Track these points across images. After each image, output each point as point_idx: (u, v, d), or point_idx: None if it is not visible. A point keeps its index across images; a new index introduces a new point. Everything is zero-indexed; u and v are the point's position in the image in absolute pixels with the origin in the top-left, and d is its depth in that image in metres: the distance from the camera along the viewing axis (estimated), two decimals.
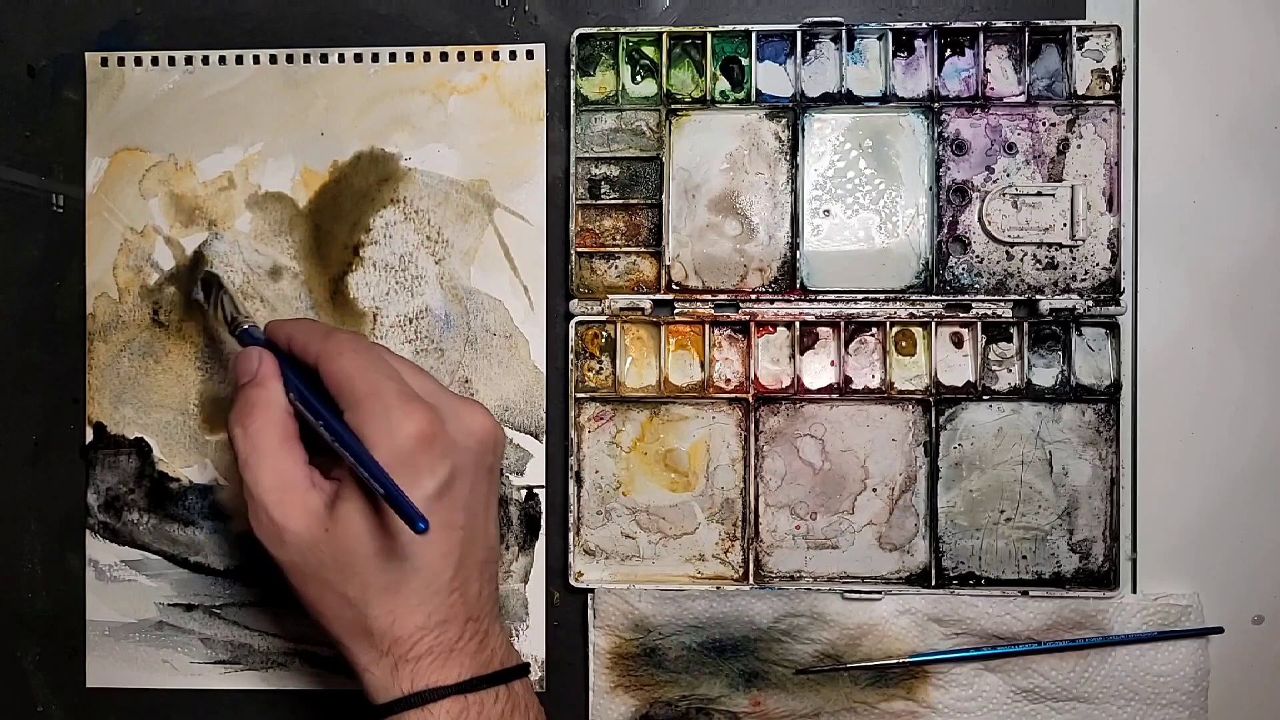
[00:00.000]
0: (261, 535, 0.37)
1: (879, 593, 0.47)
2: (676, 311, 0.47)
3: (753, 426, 0.47)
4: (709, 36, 0.46)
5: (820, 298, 0.47)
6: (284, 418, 0.38)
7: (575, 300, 0.47)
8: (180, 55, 0.48)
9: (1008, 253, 0.47)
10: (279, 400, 0.38)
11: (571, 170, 0.47)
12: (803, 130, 0.47)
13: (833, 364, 0.47)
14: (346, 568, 0.36)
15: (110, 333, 0.49)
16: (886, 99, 0.47)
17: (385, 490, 0.34)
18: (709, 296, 0.47)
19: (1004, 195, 0.47)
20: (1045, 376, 0.47)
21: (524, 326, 0.48)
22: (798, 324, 0.47)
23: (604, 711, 0.47)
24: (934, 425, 0.47)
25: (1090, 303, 0.46)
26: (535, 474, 0.48)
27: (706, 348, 0.47)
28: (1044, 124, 0.47)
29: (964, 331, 0.47)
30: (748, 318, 0.47)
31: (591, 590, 0.47)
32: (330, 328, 0.40)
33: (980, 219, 0.47)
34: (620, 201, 0.47)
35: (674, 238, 0.47)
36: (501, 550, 0.48)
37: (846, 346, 0.47)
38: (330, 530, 0.36)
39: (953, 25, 0.46)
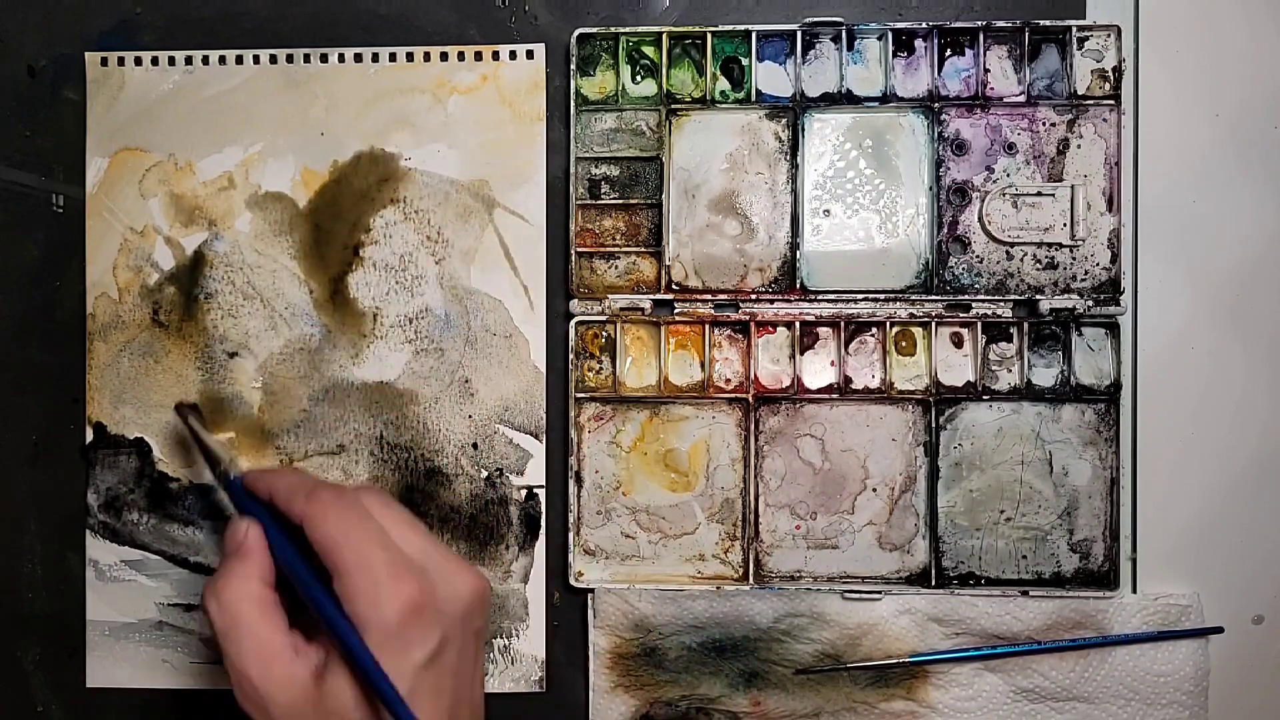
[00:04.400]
0: (247, 706, 0.36)
1: (879, 593, 0.47)
2: (676, 311, 0.47)
3: (753, 426, 0.47)
4: (709, 36, 0.46)
5: (820, 298, 0.47)
6: (262, 588, 0.37)
7: (575, 300, 0.47)
8: (180, 55, 0.48)
9: (1008, 253, 0.47)
10: (259, 571, 0.37)
11: (571, 170, 0.47)
12: (803, 130, 0.47)
13: (833, 364, 0.47)
14: None
15: (110, 333, 0.49)
16: (886, 99, 0.47)
17: (380, 693, 0.34)
18: (709, 296, 0.47)
19: (1004, 195, 0.47)
20: (1045, 376, 0.47)
21: (524, 326, 0.48)
22: (798, 324, 0.47)
23: (604, 711, 0.47)
24: (934, 425, 0.47)
25: (1090, 303, 0.46)
26: (535, 474, 0.48)
27: (706, 348, 0.47)
28: (1044, 124, 0.47)
29: (964, 331, 0.47)
30: (748, 318, 0.47)
31: (591, 590, 0.47)
32: (313, 483, 0.38)
33: (980, 219, 0.47)
34: (620, 201, 0.47)
35: (674, 238, 0.47)
36: (501, 551, 0.48)
37: (846, 346, 0.47)
38: (318, 704, 0.35)
39: (953, 25, 0.46)
